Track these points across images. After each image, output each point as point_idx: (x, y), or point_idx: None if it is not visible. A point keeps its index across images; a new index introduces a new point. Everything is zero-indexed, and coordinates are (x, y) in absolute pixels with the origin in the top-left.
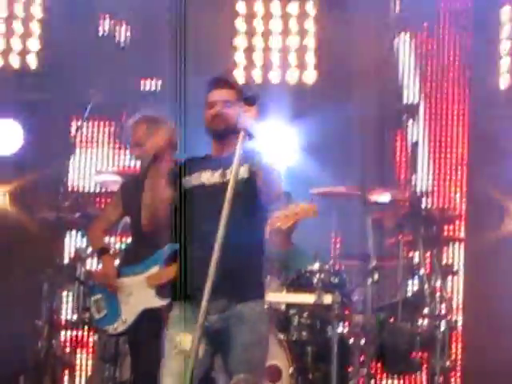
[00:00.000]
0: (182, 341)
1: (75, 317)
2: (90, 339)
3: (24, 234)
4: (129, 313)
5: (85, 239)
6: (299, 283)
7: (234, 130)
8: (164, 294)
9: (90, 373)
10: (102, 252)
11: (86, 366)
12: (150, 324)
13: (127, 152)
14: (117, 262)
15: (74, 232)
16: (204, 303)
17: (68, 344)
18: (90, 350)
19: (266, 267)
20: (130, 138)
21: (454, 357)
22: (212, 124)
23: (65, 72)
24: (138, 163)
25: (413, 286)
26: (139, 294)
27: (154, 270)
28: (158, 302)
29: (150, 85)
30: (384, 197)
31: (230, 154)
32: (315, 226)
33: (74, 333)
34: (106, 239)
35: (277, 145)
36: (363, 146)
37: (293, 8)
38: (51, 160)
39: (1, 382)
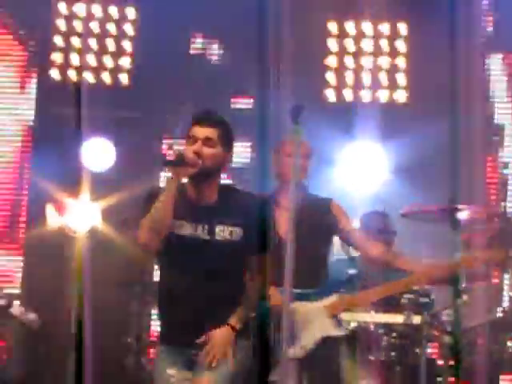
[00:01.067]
0: None
1: None
2: None
3: (115, 251)
4: (308, 339)
5: None
6: (388, 303)
7: (213, 173)
8: (341, 324)
9: None
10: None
11: None
12: (328, 352)
13: None
14: None
15: None
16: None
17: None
18: None
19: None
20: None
21: None
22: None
23: (156, 89)
24: (229, 181)
25: (502, 307)
26: (318, 321)
27: (332, 298)
28: (334, 332)
29: (240, 103)
30: (474, 216)
31: (211, 205)
32: (405, 246)
33: None
34: None
35: (368, 165)
36: (453, 166)
37: (384, 28)
38: (143, 177)
39: None
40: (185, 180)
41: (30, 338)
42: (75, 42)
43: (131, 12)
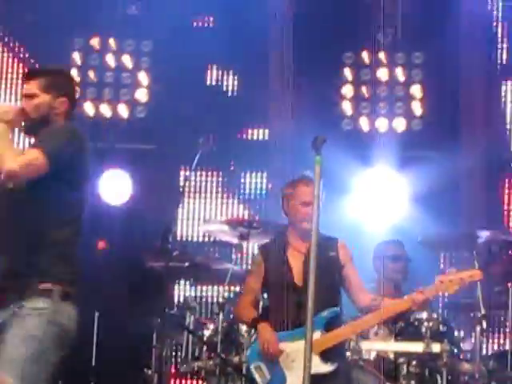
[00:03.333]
0: None
1: (184, 366)
2: None
3: (133, 284)
4: (295, 378)
5: (193, 288)
6: (408, 332)
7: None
8: (328, 359)
9: None
10: (257, 321)
11: None
12: None
13: (235, 201)
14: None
15: (182, 281)
16: None
17: None
18: None
19: None
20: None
21: None
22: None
23: (172, 121)
24: (246, 212)
25: None
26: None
27: (316, 335)
28: (323, 368)
29: (256, 134)
30: (491, 243)
31: None
32: (423, 275)
33: (183, 382)
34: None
35: (385, 193)
36: (471, 193)
37: (400, 58)
38: (160, 209)
39: None
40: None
41: None
42: (91, 75)
43: (147, 45)
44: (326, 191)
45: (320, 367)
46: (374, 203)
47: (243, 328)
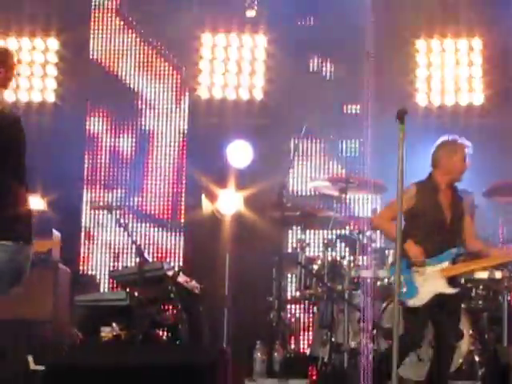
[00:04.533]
0: None
1: (298, 293)
2: (311, 311)
3: (256, 230)
4: (425, 293)
5: (303, 233)
6: None
7: None
8: (454, 284)
9: (311, 337)
10: (406, 238)
11: (308, 332)
12: (442, 304)
13: (335, 163)
14: None
15: (294, 227)
16: None
17: (293, 315)
18: (311, 319)
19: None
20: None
21: None
22: None
23: (284, 102)
24: (343, 171)
25: None
26: (434, 281)
27: (445, 264)
28: (449, 290)
29: (350, 109)
30: None
31: None
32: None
33: (298, 306)
34: None
35: None
36: None
37: (462, 44)
38: (276, 170)
39: (238, 351)
40: None
41: (192, 300)
42: (218, 66)
43: (262, 40)
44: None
45: (446, 289)
46: None
47: (344, 262)
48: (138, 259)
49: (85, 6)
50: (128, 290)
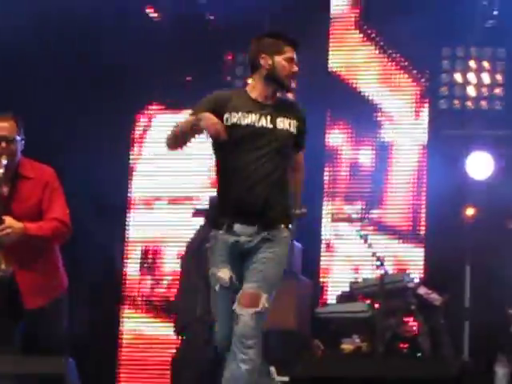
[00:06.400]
0: (221, 276)
1: None
2: None
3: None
4: None
5: None
6: None
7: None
8: None
9: None
10: None
11: None
12: None
13: None
14: None
15: None
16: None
17: None
18: None
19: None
20: None
21: None
22: (289, 78)
23: None
24: None
25: None
26: None
27: None
28: None
29: None
30: None
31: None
32: None
33: None
34: None
35: None
36: None
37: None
38: None
39: (478, 364)
40: None
41: (433, 312)
42: (457, 77)
43: (502, 52)
44: None
45: None
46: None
47: None
48: (378, 271)
49: (323, 19)
50: (369, 301)
